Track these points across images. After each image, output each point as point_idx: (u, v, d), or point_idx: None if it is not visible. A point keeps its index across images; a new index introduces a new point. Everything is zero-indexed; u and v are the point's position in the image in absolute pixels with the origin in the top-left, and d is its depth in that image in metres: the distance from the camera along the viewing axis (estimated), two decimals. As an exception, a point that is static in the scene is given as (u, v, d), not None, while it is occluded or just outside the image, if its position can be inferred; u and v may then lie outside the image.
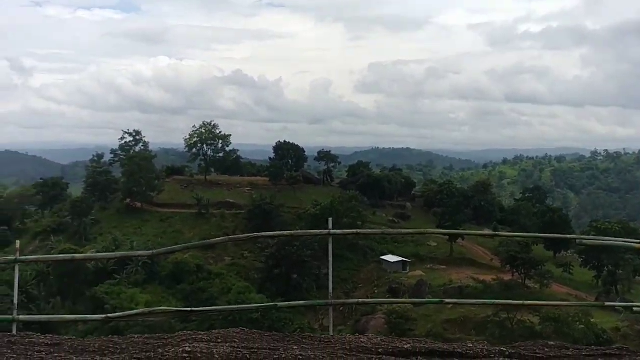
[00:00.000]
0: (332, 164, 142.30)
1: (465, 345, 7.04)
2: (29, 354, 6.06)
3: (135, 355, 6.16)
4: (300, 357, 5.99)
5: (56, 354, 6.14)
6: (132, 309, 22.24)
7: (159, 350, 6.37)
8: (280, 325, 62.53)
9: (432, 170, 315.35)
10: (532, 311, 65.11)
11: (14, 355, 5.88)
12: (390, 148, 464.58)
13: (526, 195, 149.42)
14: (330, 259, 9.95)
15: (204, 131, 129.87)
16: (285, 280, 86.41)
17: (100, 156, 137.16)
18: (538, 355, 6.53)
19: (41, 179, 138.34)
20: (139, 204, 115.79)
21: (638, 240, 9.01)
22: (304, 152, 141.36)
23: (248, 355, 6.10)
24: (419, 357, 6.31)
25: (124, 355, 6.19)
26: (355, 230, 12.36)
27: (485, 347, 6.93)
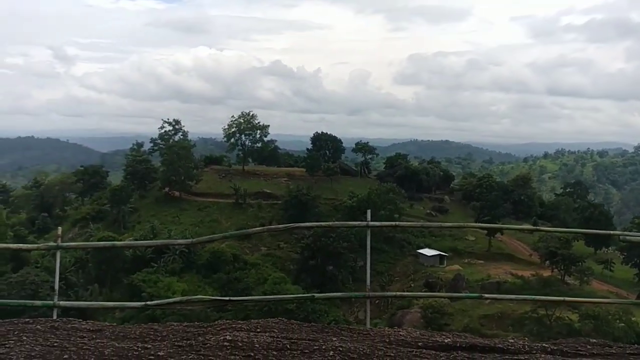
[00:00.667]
0: (369, 156, 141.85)
1: (506, 340, 6.95)
2: (71, 339, 6.14)
3: (176, 343, 6.21)
4: (340, 349, 5.97)
5: (98, 340, 6.21)
6: (169, 297, 22.43)
7: (199, 338, 6.42)
8: (315, 317, 62.65)
9: (471, 163, 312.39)
10: (571, 308, 64.06)
11: (58, 340, 5.97)
12: (428, 140, 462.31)
13: (567, 190, 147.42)
14: (368, 250, 9.91)
15: (242, 121, 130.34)
16: (321, 272, 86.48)
17: (139, 145, 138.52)
18: (580, 352, 6.41)
19: (81, 166, 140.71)
20: (177, 193, 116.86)
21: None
22: (342, 143, 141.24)
23: (288, 345, 6.10)
24: (459, 352, 6.25)
25: (165, 342, 6.24)
26: (394, 223, 12.29)
27: (527, 343, 6.83)
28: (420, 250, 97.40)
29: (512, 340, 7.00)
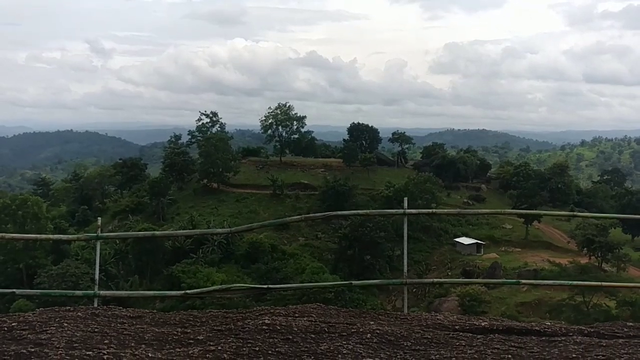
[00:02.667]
0: (406, 146, 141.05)
1: (542, 324, 6.94)
2: (112, 325, 6.28)
3: (215, 327, 6.32)
4: (378, 331, 6.03)
5: (138, 326, 6.34)
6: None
7: (238, 323, 6.51)
8: (353, 306, 62.74)
9: (508, 152, 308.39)
10: (609, 295, 63.37)
11: (98, 326, 6.11)
12: (465, 129, 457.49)
13: (604, 178, 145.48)
14: (405, 238, 9.95)
15: (278, 112, 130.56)
16: (359, 261, 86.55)
17: (177, 137, 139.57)
18: (617, 334, 6.37)
19: (120, 159, 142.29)
20: (215, 185, 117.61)
21: None
22: (378, 133, 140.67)
23: (326, 329, 6.18)
24: (496, 335, 6.26)
25: (204, 328, 6.36)
26: (430, 210, 12.36)
27: (563, 326, 6.82)
28: (457, 239, 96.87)
29: (549, 323, 6.99)
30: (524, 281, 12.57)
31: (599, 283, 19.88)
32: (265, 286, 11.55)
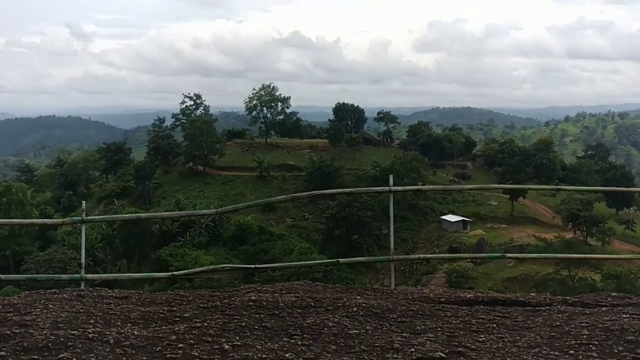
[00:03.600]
0: (391, 125, 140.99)
1: (527, 295, 7.00)
2: (97, 305, 6.25)
3: (202, 305, 6.32)
4: (364, 305, 6.06)
5: (124, 305, 6.32)
6: (197, 267, 22.65)
7: (225, 300, 6.52)
8: (348, 285, 63.06)
9: (492, 129, 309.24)
10: (594, 268, 64.11)
11: (84, 307, 6.08)
12: (450, 107, 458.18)
13: (588, 153, 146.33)
14: (392, 215, 9.95)
15: (263, 94, 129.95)
16: (346, 241, 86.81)
17: (161, 120, 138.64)
18: (601, 303, 6.44)
19: (104, 143, 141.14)
20: (200, 168, 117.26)
21: None
22: (364, 113, 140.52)
23: (312, 304, 6.19)
24: (481, 306, 6.30)
25: (190, 306, 6.35)
26: (416, 187, 12.37)
27: (548, 297, 6.88)
28: (444, 217, 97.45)
29: (533, 294, 7.05)
30: (508, 255, 12.70)
31: (582, 255, 20.11)
32: (252, 266, 11.57)
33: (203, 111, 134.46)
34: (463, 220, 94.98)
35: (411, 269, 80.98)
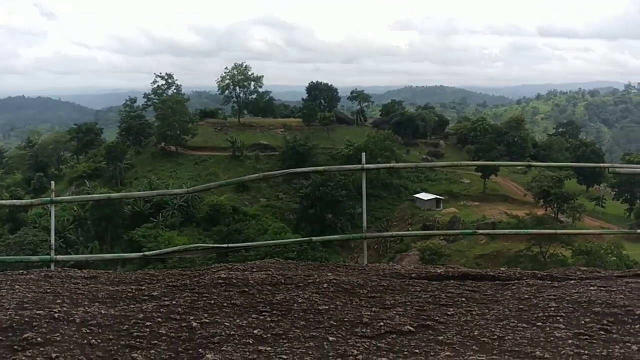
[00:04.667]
0: (365, 104, 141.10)
1: (497, 269, 7.05)
2: (65, 285, 6.17)
3: (171, 284, 6.27)
4: (335, 281, 6.05)
5: (92, 285, 6.25)
6: (170, 248, 22.52)
7: (195, 279, 6.47)
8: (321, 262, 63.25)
9: (465, 107, 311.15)
10: (564, 244, 65.13)
11: (51, 287, 6.00)
12: (423, 86, 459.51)
13: (559, 130, 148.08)
14: (364, 192, 9.94)
15: (235, 73, 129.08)
16: (320, 220, 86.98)
17: (133, 100, 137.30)
18: (570, 277, 6.51)
19: (75, 124, 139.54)
20: (173, 148, 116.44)
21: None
22: (337, 92, 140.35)
23: (283, 280, 6.17)
24: (452, 281, 6.33)
25: (159, 284, 6.29)
26: (388, 165, 12.36)
27: (518, 271, 6.93)
28: (417, 195, 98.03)
29: (503, 269, 7.10)
30: (479, 231, 12.79)
31: (551, 231, 20.35)
32: (224, 245, 11.52)
33: (175, 91, 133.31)
34: (436, 198, 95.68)
35: (385, 247, 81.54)
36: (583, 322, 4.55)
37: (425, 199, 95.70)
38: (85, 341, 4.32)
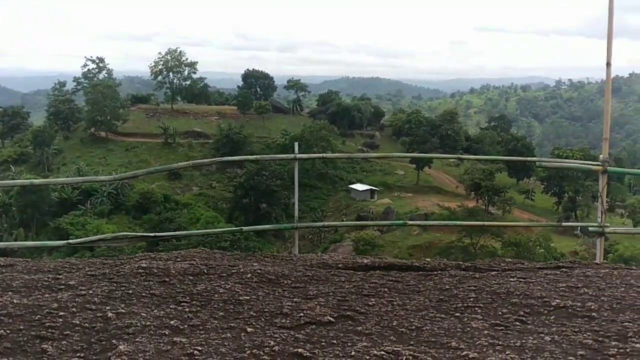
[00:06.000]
0: (301, 93, 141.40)
1: (423, 260, 7.10)
2: (-23, 274, 5.91)
3: (89, 273, 6.07)
4: (259, 272, 5.97)
5: (7, 274, 6.00)
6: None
7: (115, 268, 6.29)
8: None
9: (400, 99, 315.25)
10: (495, 236, 66.77)
11: (-40, 276, 5.73)
12: (359, 77, 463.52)
13: (491, 124, 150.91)
14: (296, 182, 9.88)
15: (169, 58, 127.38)
16: (254, 210, 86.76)
17: (62, 84, 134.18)
18: (493, 268, 6.61)
19: (0, 107, 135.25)
20: (103, 134, 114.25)
21: (595, 162, 9.09)
22: (273, 80, 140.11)
23: (205, 270, 6.05)
24: (378, 271, 6.34)
25: (77, 273, 6.09)
26: (321, 155, 12.38)
27: (443, 262, 7.00)
28: (352, 186, 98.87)
29: (429, 260, 7.17)
30: (410, 222, 12.94)
31: (480, 223, 20.83)
32: (152, 234, 11.27)
33: (106, 75, 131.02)
34: (371, 189, 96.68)
35: (319, 238, 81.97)
36: (500, 313, 4.61)
37: (360, 189, 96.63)
38: (-7, 332, 4.13)
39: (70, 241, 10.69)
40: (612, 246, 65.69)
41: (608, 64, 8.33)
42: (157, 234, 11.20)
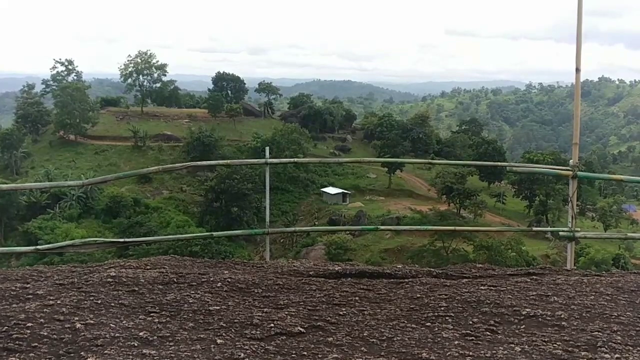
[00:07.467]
0: (273, 96, 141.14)
1: (394, 267, 7.11)
2: (-61, 285, 5.77)
3: (58, 282, 5.97)
4: (229, 280, 5.92)
5: (-26, 283, 5.87)
6: (65, 241, 21.72)
7: (84, 277, 6.20)
8: (220, 259, 62.68)
9: (372, 102, 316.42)
10: (466, 240, 67.24)
11: None
12: (331, 80, 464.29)
13: (462, 128, 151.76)
14: (267, 187, 9.84)
15: (139, 61, 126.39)
16: (226, 214, 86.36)
17: (31, 86, 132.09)
18: (465, 275, 6.64)
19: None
20: (72, 137, 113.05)
21: (565, 167, 9.18)
22: (244, 83, 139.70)
23: (175, 279, 5.99)
24: (349, 278, 6.34)
25: (46, 282, 5.99)
26: (292, 159, 12.33)
27: (414, 269, 7.01)
28: (324, 189, 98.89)
29: (400, 266, 7.17)
30: (382, 227, 12.99)
31: (451, 227, 20.96)
32: (121, 240, 11.14)
33: (75, 77, 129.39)
34: (343, 192, 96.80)
35: (291, 241, 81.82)
36: (471, 322, 4.62)
37: (332, 193, 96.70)
38: (-44, 346, 4.04)
39: (39, 247, 10.52)
40: (583, 249, 66.59)
41: (577, 70, 8.38)
42: (127, 239, 11.06)
